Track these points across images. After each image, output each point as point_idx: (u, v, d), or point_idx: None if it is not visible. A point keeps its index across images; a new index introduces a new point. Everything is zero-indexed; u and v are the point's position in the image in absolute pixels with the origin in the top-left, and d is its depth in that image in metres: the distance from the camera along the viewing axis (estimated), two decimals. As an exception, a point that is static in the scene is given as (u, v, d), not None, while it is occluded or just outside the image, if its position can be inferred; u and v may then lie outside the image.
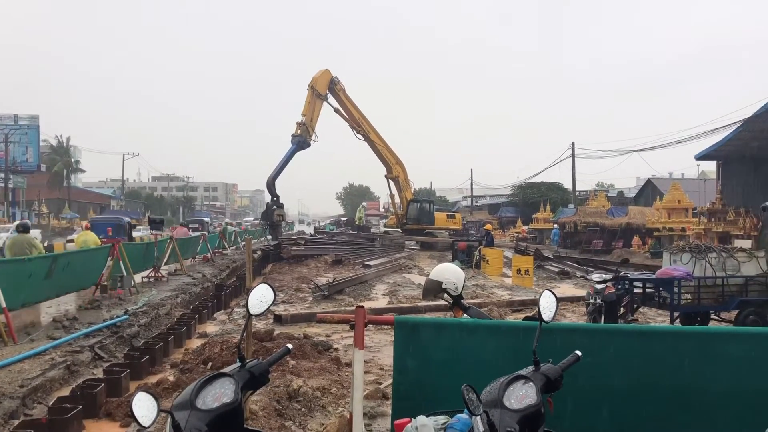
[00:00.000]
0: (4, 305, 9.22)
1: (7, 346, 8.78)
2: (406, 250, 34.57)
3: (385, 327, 9.71)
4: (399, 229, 40.68)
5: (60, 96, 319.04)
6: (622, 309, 11.18)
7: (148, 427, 2.09)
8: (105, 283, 14.33)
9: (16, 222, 17.19)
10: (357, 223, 51.60)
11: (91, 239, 16.51)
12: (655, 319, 13.15)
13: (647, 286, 11.63)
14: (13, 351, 8.47)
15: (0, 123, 59.75)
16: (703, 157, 35.73)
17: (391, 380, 6.12)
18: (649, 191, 54.80)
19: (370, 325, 3.67)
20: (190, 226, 41.06)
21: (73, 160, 70.58)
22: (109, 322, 10.69)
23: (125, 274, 14.73)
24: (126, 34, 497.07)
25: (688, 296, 11.01)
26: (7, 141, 56.11)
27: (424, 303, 13.63)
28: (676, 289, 10.80)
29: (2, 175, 54.43)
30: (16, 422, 6.21)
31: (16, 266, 11.09)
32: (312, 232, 49.94)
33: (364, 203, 71.22)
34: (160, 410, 2.14)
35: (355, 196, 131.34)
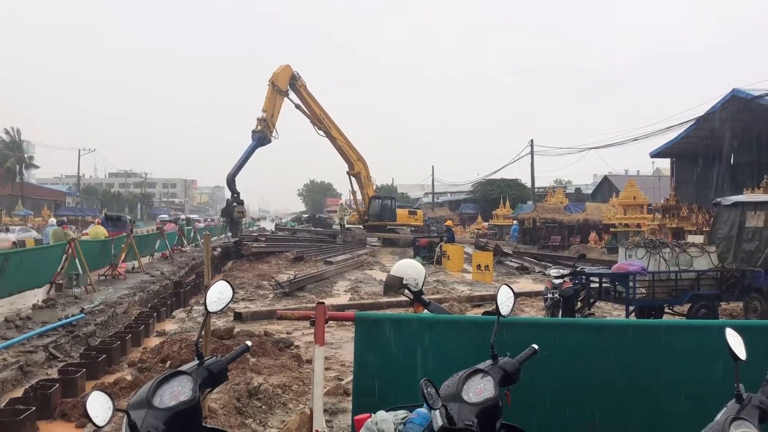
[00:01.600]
0: (-47, 305, 8.97)
1: (-44, 347, 8.54)
2: (368, 246, 34.56)
3: (347, 323, 9.71)
4: (361, 226, 40.66)
5: (9, 88, 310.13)
6: (579, 303, 11.40)
7: (103, 426, 2.05)
8: (60, 281, 14.01)
9: (53, 219, 24.44)
10: (339, 223, 46.76)
11: (101, 232, 20.68)
12: (611, 312, 13.42)
13: (603, 280, 11.87)
14: (-38, 352, 8.24)
15: (-52, 117, 57.78)
16: (657, 154, 36.60)
17: (352, 376, 6.14)
18: (605, 188, 55.97)
19: (332, 322, 3.68)
20: (179, 222, 46.49)
21: (26, 155, 68.63)
22: (64, 321, 10.47)
23: (81, 271, 14.43)
24: (78, 27, 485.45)
25: (643, 290, 11.26)
26: (-45, 136, 54.36)
27: (385, 299, 13.67)
28: (631, 284, 11.04)
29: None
30: (-33, 425, 6.05)
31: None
32: (273, 229, 49.54)
33: (342, 202, 69.03)
34: (115, 409, 2.10)
35: (316, 193, 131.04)
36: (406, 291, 4.29)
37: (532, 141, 51.25)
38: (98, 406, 2.06)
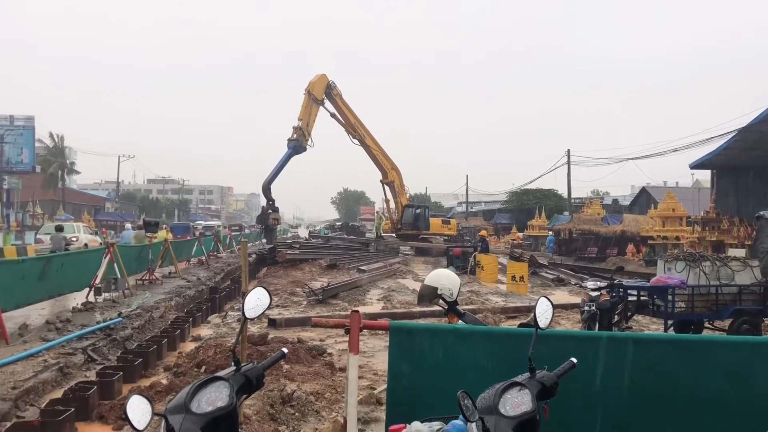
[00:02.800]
0: (-3, 306, 9.19)
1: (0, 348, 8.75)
2: (401, 255, 34.53)
3: (380, 332, 9.70)
4: (394, 234, 40.63)
5: (54, 95, 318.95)
6: (616, 316, 11.20)
7: (142, 430, 2.07)
8: (98, 285, 14.27)
9: (129, 224, 28.91)
10: (376, 234, 44.82)
11: (162, 234, 24.34)
12: (649, 326, 13.17)
13: (641, 293, 11.65)
14: (5, 352, 8.43)
15: (-4, 124, 59.57)
16: (697, 165, 35.86)
17: (384, 386, 6.10)
18: (643, 199, 55.02)
19: (365, 330, 3.67)
20: (233, 228, 56.77)
21: (68, 161, 70.34)
22: (102, 325, 10.65)
23: (119, 276, 14.67)
24: (120, 36, 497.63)
25: (682, 304, 11.03)
26: (2, 142, 55.96)
27: (418, 308, 13.62)
28: (670, 297, 10.82)
29: (-2, 175, 54.30)
30: (8, 424, 6.18)
31: (10, 267, 11.06)
32: (306, 236, 49.86)
33: (378, 211, 67.90)
34: (153, 413, 2.13)
35: (350, 201, 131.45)
36: (441, 301, 4.27)
37: (568, 151, 50.79)
38: (137, 409, 2.09)
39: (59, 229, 22.61)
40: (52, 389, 7.67)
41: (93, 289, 13.97)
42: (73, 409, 6.35)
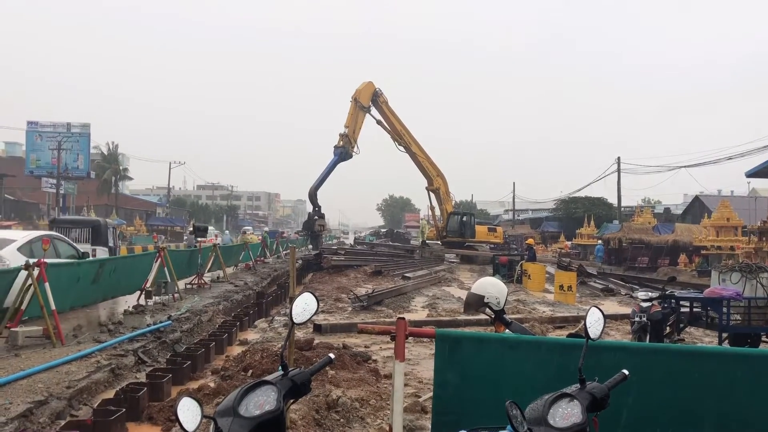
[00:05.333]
0: (53, 307, 9.45)
1: (55, 348, 9.00)
2: (446, 262, 34.38)
3: (425, 340, 9.65)
4: (439, 242, 40.51)
5: (108, 103, 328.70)
6: (668, 328, 10.91)
7: (192, 432, 2.10)
8: (149, 289, 14.59)
9: (239, 229, 38.00)
10: (421, 241, 44.79)
11: (253, 238, 35.15)
12: (702, 339, 12.80)
13: (694, 305, 11.32)
14: (61, 353, 8.67)
15: (54, 131, 61.68)
16: (754, 174, 34.65)
17: (429, 394, 6.07)
18: (696, 208, 53.62)
19: (410, 338, 3.65)
20: (301, 233, 61.75)
21: (121, 167, 72.33)
22: (152, 327, 10.86)
23: (169, 280, 14.98)
24: (171, 47, 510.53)
25: (738, 317, 10.68)
26: (60, 148, 57.89)
27: (463, 316, 13.53)
28: (724, 310, 10.49)
29: (54, 181, 56.15)
30: (63, 422, 6.36)
31: (66, 270, 11.40)
32: (352, 242, 50.13)
33: (422, 218, 66.71)
34: (203, 416, 2.15)
35: (395, 208, 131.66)
36: (487, 309, 4.23)
37: (618, 158, 49.98)
38: (187, 411, 2.12)
39: (192, 231, 33.39)
40: (104, 389, 7.85)
41: (144, 293, 14.28)
42: (124, 410, 6.49)
